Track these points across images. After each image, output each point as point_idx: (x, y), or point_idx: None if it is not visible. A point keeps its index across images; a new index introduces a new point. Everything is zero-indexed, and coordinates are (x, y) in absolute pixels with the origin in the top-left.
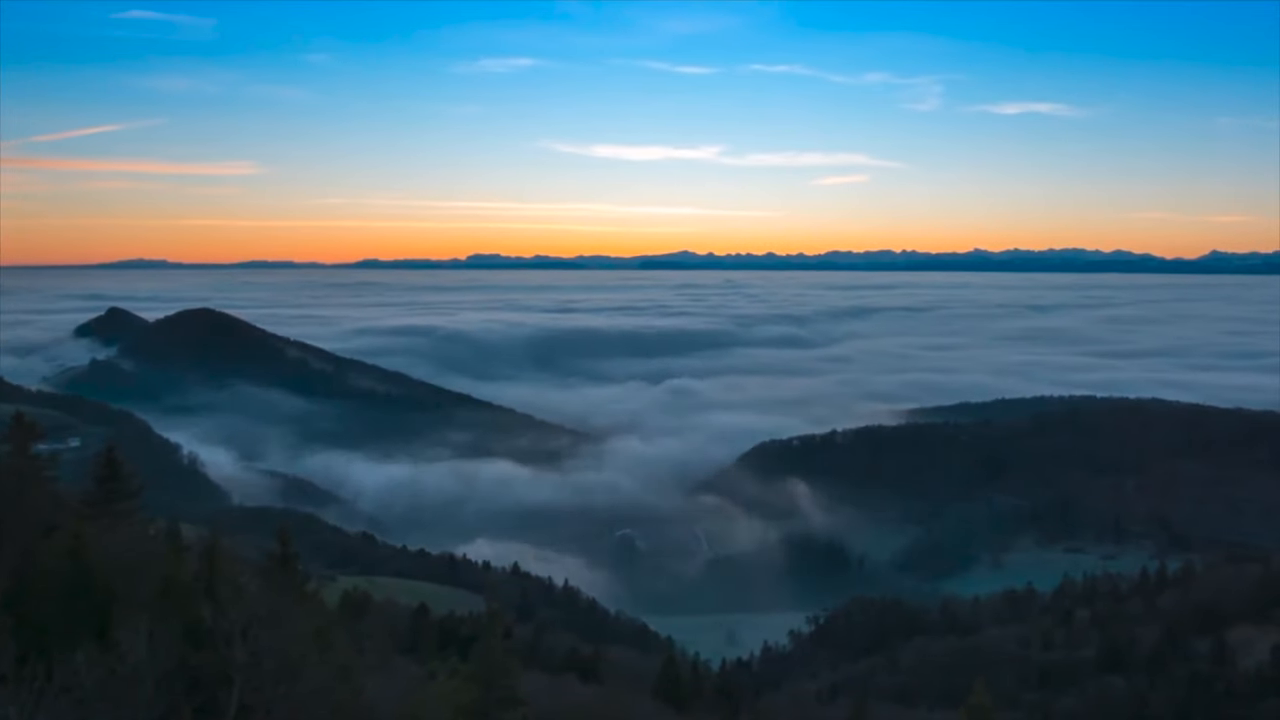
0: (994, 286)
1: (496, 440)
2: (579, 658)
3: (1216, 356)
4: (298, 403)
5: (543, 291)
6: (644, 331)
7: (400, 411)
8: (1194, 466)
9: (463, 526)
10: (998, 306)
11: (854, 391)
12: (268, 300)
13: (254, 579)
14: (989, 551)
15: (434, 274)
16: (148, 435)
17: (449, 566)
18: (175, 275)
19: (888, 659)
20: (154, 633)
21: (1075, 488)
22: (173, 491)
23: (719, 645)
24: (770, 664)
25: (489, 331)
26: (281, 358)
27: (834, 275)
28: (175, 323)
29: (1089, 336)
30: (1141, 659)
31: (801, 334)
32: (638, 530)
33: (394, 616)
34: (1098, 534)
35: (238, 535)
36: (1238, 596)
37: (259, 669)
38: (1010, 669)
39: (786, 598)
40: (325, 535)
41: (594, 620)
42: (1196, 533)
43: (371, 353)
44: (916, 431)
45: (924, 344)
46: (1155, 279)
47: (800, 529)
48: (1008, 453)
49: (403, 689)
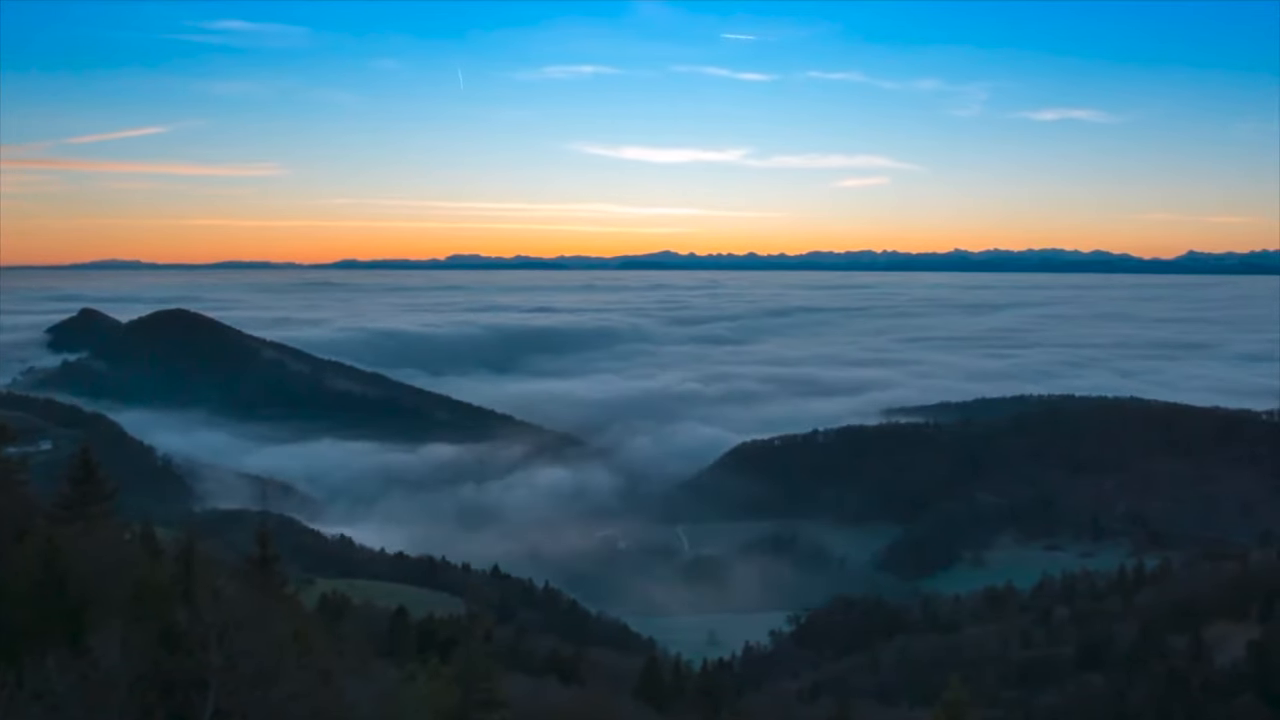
0: (953, 286)
1: (477, 441)
2: (560, 659)
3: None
4: (274, 404)
5: (486, 293)
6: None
7: (379, 413)
8: (1171, 465)
9: (441, 527)
10: (921, 303)
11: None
12: (231, 301)
13: (231, 582)
14: (969, 550)
15: (407, 274)
16: (121, 437)
17: (428, 569)
18: (149, 274)
19: (869, 658)
20: (127, 637)
21: (1054, 486)
22: (147, 494)
23: (700, 645)
24: (752, 664)
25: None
26: (257, 358)
27: (810, 275)
28: (149, 324)
29: (966, 336)
30: (1119, 656)
31: (723, 333)
32: (618, 530)
33: (372, 620)
34: (1076, 532)
35: (214, 538)
36: (1214, 593)
37: (235, 673)
38: (990, 667)
39: (768, 597)
40: (303, 537)
41: (575, 621)
42: (1173, 530)
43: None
44: (897, 431)
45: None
46: (1130, 279)
47: (781, 529)
48: (987, 452)
49: (382, 693)
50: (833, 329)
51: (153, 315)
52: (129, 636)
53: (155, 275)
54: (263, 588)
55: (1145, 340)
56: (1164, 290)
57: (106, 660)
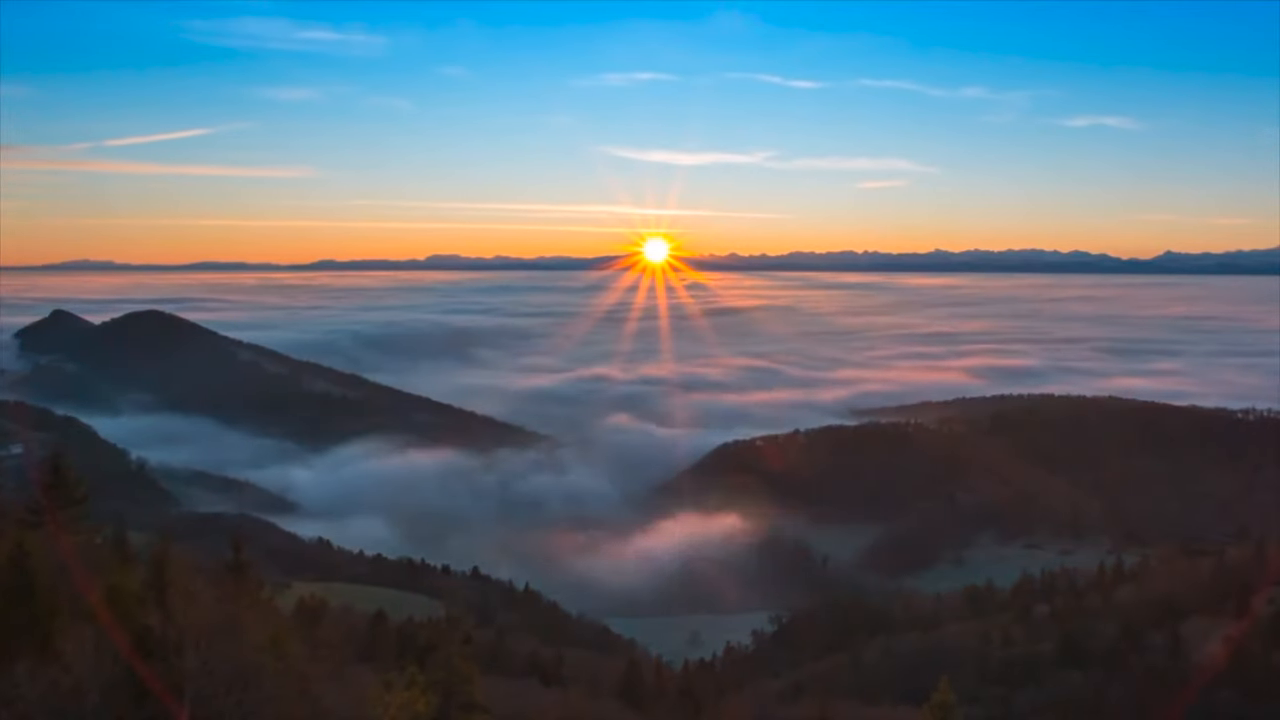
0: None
1: (456, 441)
2: (541, 661)
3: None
4: (250, 406)
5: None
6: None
7: (356, 413)
8: (1148, 463)
9: (419, 528)
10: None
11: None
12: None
13: (206, 587)
14: (949, 549)
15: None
16: (93, 440)
17: (407, 571)
18: (123, 274)
19: (851, 657)
20: (99, 643)
21: (1033, 485)
22: (120, 498)
23: (682, 646)
24: (733, 664)
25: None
26: (233, 360)
27: (781, 275)
28: (121, 325)
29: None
30: (1099, 653)
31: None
32: (599, 531)
33: (351, 623)
34: (1055, 530)
35: (188, 542)
36: (1192, 590)
37: (210, 678)
38: (971, 665)
39: (749, 598)
40: (279, 541)
41: (555, 623)
42: (1151, 528)
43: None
44: (877, 431)
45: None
46: (1106, 279)
47: (762, 529)
48: (967, 451)
49: (359, 698)
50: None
51: (125, 317)
52: (101, 642)
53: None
54: (238, 592)
55: (1126, 339)
56: (1143, 289)
57: (78, 666)
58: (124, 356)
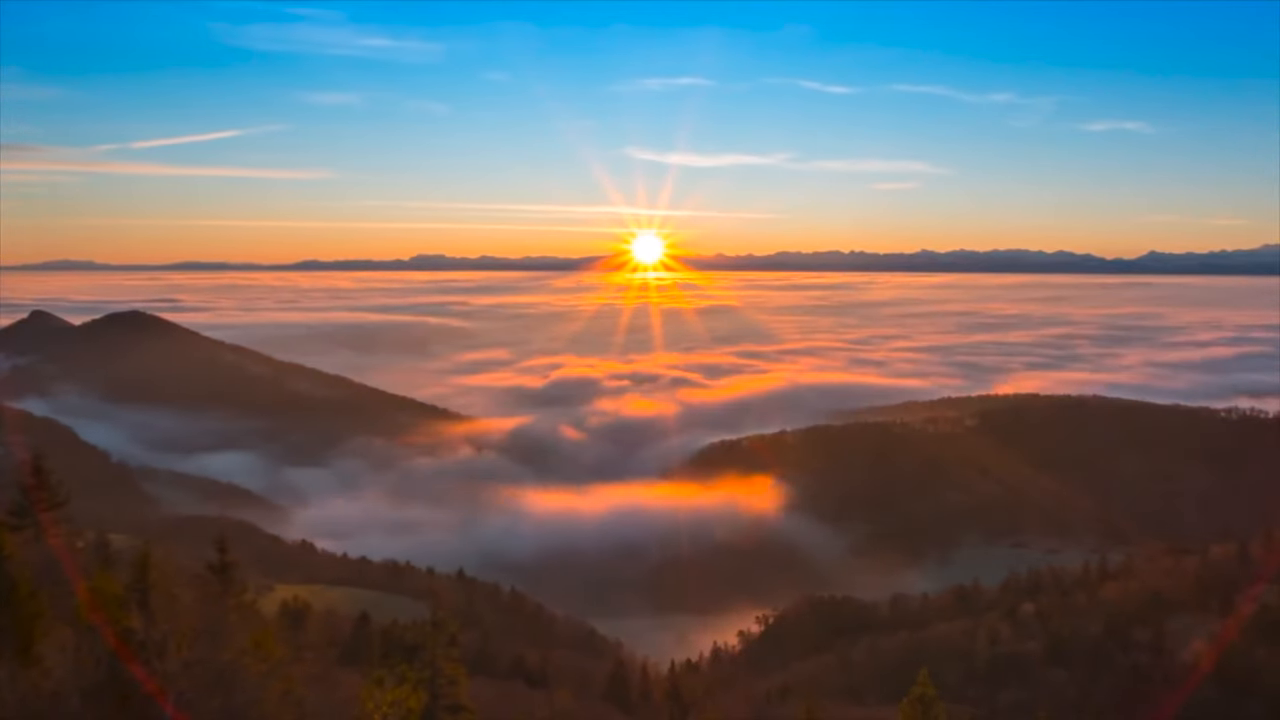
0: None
1: (438, 440)
2: (526, 664)
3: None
4: (233, 406)
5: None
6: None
7: (339, 414)
8: (1133, 462)
9: (403, 529)
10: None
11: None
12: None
13: (188, 589)
14: (936, 548)
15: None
16: (75, 443)
17: (392, 573)
18: (102, 274)
19: (838, 657)
20: (80, 646)
21: (1019, 484)
22: (102, 500)
23: (668, 647)
24: (721, 665)
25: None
26: (215, 361)
27: (756, 275)
28: (102, 326)
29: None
30: (1085, 651)
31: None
32: (582, 532)
33: (335, 626)
34: (1042, 529)
35: (171, 544)
36: (1177, 588)
37: (193, 681)
38: (959, 663)
39: (736, 598)
40: (263, 543)
41: (541, 625)
42: (1137, 527)
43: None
44: (864, 430)
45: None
46: (1090, 279)
47: (749, 528)
48: (954, 450)
49: (344, 700)
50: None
51: (106, 318)
52: (82, 645)
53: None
54: (221, 594)
55: (1108, 339)
56: (1127, 289)
57: (58, 670)
58: (105, 358)
